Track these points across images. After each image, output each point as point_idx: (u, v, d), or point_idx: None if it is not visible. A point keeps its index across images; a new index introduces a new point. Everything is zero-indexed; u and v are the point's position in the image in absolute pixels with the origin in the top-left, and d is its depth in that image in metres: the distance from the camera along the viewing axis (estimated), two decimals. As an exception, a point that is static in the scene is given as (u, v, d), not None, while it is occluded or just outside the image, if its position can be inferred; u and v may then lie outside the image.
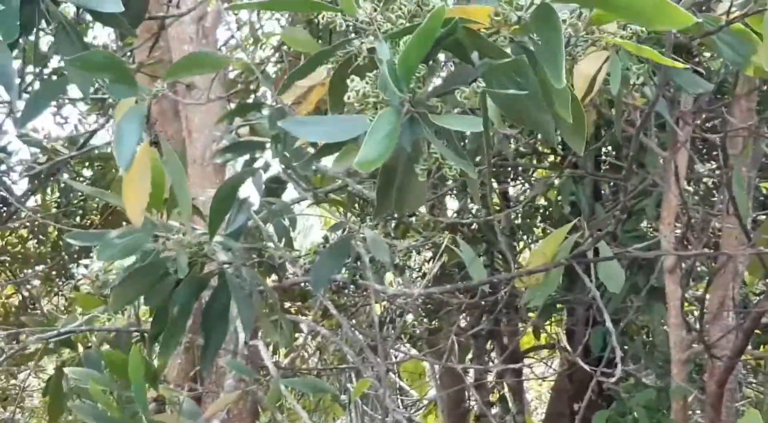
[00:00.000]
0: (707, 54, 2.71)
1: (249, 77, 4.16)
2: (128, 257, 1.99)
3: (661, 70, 1.66)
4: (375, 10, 1.40)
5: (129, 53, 3.97)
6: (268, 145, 2.95)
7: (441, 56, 1.45)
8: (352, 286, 4.39)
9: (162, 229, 2.04)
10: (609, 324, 2.46)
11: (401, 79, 1.30)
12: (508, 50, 1.36)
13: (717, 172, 3.75)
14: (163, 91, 1.65)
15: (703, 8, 1.81)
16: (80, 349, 3.33)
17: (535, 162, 4.97)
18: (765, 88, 3.36)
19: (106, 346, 3.25)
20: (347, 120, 1.33)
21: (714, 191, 4.40)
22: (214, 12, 3.71)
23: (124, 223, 1.96)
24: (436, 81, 1.44)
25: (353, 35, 1.44)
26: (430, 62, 1.40)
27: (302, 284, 3.61)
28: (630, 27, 1.57)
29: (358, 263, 2.96)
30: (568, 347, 4.96)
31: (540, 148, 4.79)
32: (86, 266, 5.50)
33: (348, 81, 1.37)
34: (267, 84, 3.51)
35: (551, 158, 4.91)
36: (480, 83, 1.36)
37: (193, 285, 2.12)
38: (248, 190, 2.69)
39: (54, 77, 3.25)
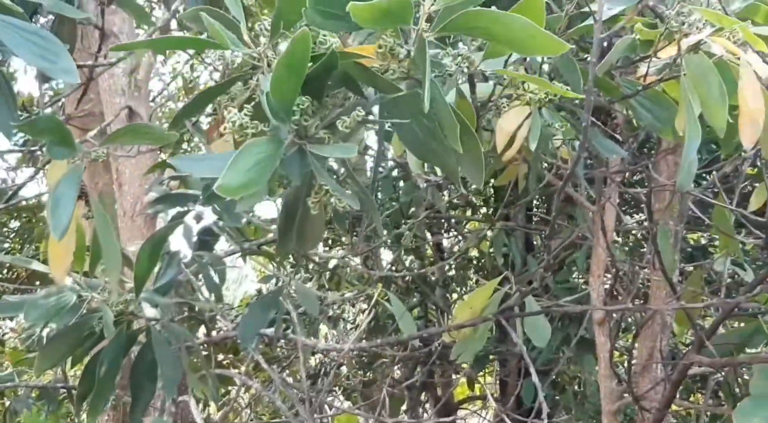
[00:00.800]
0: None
1: (180, 129, 4.14)
2: (55, 318, 1.97)
3: (582, 133, 1.69)
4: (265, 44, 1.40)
5: (57, 102, 3.93)
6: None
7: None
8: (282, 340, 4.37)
9: (87, 287, 2.02)
10: (535, 378, 2.47)
11: (278, 109, 1.31)
12: (403, 84, 1.38)
13: (644, 224, 3.81)
14: (103, 157, 1.65)
15: (622, 73, 1.85)
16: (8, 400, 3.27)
17: (468, 214, 5.02)
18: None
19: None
20: (230, 154, 1.32)
21: (643, 243, 4.47)
22: (147, 64, 3.70)
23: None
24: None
25: (250, 70, 1.45)
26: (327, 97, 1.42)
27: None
28: (554, 82, 1.61)
29: (289, 316, 2.95)
30: (500, 398, 4.98)
31: (473, 200, 4.84)
32: (11, 318, 5.40)
33: (225, 112, 1.37)
34: (198, 135, 3.50)
35: (483, 210, 4.95)
36: (360, 112, 1.38)
37: (120, 343, 2.09)
38: (179, 243, 2.68)
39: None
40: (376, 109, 1.49)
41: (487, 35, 1.32)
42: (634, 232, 4.44)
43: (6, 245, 5.29)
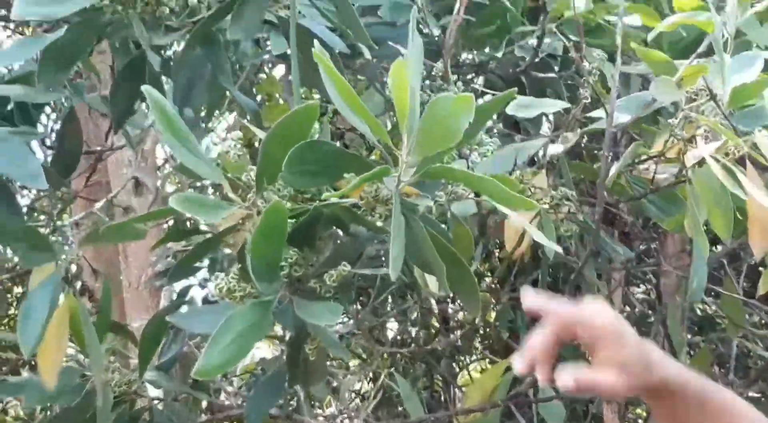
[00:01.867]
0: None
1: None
2: (57, 400, 1.95)
3: (591, 234, 1.70)
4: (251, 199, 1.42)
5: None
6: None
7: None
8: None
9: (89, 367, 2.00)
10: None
11: (263, 271, 1.33)
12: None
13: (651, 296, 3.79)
14: (78, 260, 1.66)
15: (632, 171, 1.87)
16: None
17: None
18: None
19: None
20: (226, 309, 1.36)
21: (649, 312, 4.44)
22: (154, 135, 3.71)
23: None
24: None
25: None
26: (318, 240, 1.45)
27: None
28: (561, 189, 1.62)
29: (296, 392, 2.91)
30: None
31: (479, 269, 4.81)
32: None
33: (213, 278, 1.40)
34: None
35: (488, 280, 4.92)
36: (345, 266, 1.41)
37: (123, 423, 2.08)
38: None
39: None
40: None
41: (468, 183, 1.38)
42: (640, 302, 4.40)
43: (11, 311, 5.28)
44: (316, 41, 1.34)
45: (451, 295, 3.34)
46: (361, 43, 1.75)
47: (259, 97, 4.15)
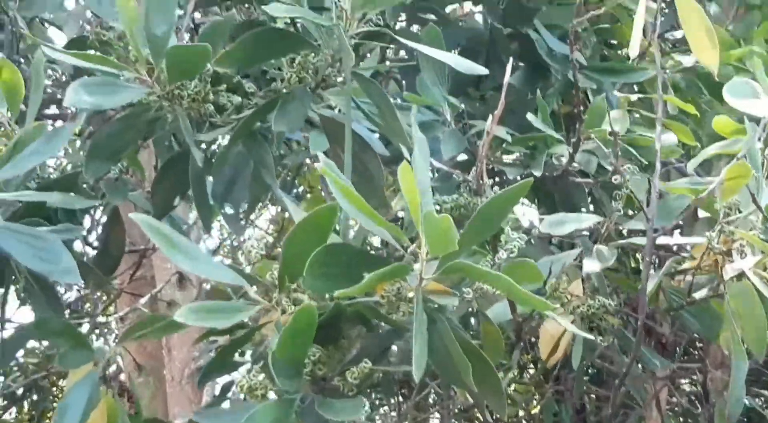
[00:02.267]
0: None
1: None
2: None
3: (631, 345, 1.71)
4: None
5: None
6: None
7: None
8: None
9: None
10: None
11: (286, 370, 1.34)
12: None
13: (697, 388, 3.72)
14: (116, 355, 1.68)
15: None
16: None
17: (514, 374, 4.92)
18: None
19: None
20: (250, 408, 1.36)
21: (696, 402, 4.35)
22: (197, 229, 3.76)
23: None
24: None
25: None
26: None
27: None
28: (598, 298, 1.63)
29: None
30: None
31: (521, 360, 4.76)
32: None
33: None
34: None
35: (532, 370, 4.86)
36: (367, 363, 1.41)
37: None
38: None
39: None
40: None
41: (492, 283, 1.37)
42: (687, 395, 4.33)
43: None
44: (320, 155, 1.37)
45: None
46: (402, 146, 1.78)
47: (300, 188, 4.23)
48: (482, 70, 1.62)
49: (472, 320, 2.54)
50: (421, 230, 1.30)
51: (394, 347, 1.60)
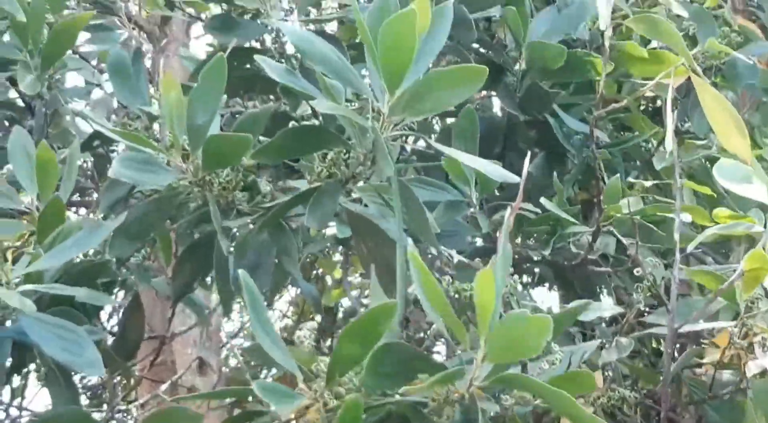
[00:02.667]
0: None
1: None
2: None
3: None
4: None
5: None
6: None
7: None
8: None
9: None
10: None
11: None
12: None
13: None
14: None
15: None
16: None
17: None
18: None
19: None
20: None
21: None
22: (218, 315, 3.77)
23: None
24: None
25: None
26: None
27: None
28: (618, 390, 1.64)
29: None
30: None
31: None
32: None
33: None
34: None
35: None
36: None
37: None
38: None
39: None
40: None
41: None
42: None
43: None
44: (409, 239, 1.42)
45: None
46: (429, 244, 1.80)
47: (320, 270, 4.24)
48: (514, 178, 1.63)
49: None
50: (483, 336, 1.32)
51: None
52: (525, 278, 2.57)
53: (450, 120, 2.58)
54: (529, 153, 1.73)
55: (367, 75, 1.71)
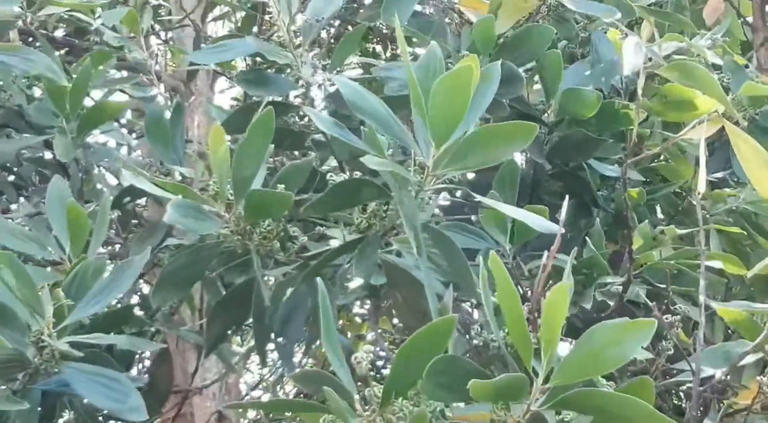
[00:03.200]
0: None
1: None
2: None
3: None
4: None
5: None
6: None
7: None
8: None
9: None
10: None
11: None
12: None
13: None
14: None
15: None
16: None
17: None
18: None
19: None
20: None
21: None
22: (238, 370, 3.77)
23: None
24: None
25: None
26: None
27: None
28: None
29: None
30: None
31: None
32: None
33: None
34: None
35: None
36: None
37: None
38: None
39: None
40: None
41: (599, 413, 1.36)
42: None
43: None
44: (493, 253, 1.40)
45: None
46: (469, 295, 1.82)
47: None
48: (553, 228, 1.65)
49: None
50: (544, 360, 1.32)
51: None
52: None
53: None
54: (566, 200, 1.74)
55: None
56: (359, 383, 1.46)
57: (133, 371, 3.26)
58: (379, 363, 4.23)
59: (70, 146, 2.29)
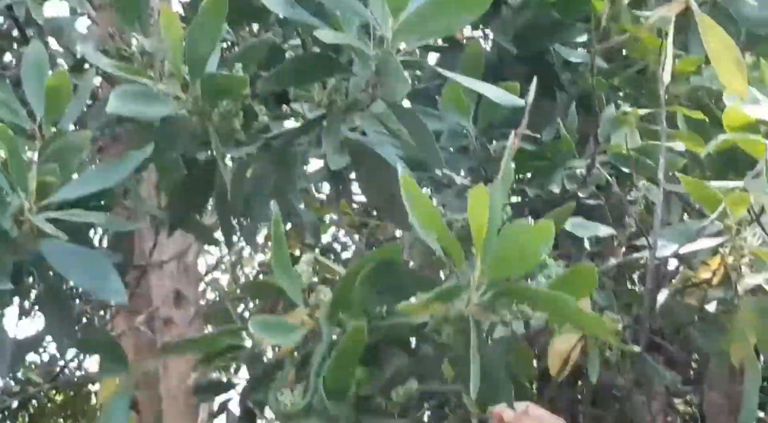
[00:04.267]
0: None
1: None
2: None
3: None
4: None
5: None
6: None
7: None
8: None
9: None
10: None
11: (335, 393, 1.40)
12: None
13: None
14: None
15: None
16: None
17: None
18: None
19: None
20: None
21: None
22: (196, 247, 3.75)
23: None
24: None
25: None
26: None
27: None
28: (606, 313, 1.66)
29: None
30: None
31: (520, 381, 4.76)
32: None
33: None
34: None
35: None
36: (413, 385, 1.47)
37: None
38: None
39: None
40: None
41: (534, 307, 1.38)
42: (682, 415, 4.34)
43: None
44: (399, 164, 1.40)
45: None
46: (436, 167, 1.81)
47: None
48: (519, 102, 1.64)
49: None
50: (479, 254, 1.32)
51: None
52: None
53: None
54: (534, 81, 1.72)
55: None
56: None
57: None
58: (337, 246, 4.27)
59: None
